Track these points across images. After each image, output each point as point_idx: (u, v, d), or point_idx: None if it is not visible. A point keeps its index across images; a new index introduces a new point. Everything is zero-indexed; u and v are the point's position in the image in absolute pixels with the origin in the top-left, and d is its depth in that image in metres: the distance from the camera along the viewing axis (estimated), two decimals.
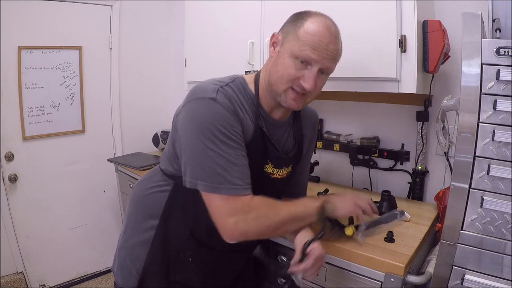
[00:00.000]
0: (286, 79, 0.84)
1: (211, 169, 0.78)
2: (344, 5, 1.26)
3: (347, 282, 1.02)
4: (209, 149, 0.77)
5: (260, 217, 0.81)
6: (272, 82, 0.87)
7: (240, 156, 0.81)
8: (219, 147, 0.78)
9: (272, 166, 0.95)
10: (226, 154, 0.78)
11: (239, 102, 0.86)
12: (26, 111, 2.04)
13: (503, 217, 0.78)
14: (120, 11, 2.36)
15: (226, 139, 0.79)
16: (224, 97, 0.81)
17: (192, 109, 0.82)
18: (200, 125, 0.79)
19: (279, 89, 0.86)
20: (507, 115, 0.76)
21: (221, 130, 0.78)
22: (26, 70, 2.01)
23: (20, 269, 2.10)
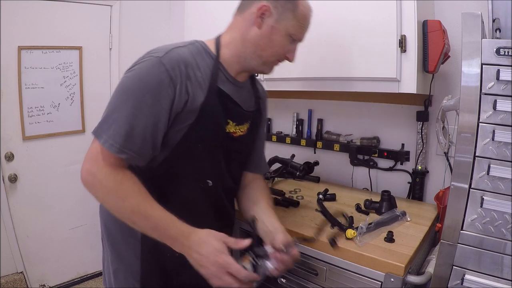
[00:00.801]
0: (279, 54, 0.91)
1: (108, 117, 0.78)
2: (344, 5, 1.26)
3: (347, 282, 1.02)
4: (120, 102, 0.78)
5: (108, 190, 0.78)
6: (261, 55, 0.90)
7: (145, 117, 0.77)
8: (126, 103, 0.76)
9: (234, 124, 0.94)
10: (130, 110, 0.76)
11: (194, 64, 0.83)
12: (26, 111, 2.04)
13: (503, 217, 0.78)
14: (120, 11, 2.36)
15: (141, 97, 0.76)
16: (175, 64, 0.79)
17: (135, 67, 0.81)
18: (127, 80, 0.80)
19: (268, 61, 0.92)
20: (507, 115, 0.76)
21: (146, 89, 0.76)
22: (26, 70, 2.00)
23: (20, 269, 2.10)
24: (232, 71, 0.93)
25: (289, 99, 1.94)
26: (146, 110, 0.77)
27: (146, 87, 0.77)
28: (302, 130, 1.89)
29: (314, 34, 1.35)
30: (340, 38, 1.28)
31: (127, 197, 0.78)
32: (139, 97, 0.76)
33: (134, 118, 0.76)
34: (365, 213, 1.26)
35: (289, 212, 1.29)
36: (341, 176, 1.75)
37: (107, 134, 0.76)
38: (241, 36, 0.90)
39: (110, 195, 0.79)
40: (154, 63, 0.78)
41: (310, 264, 1.10)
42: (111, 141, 0.75)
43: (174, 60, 0.79)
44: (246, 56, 0.91)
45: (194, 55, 0.85)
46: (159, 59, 0.78)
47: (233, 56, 0.91)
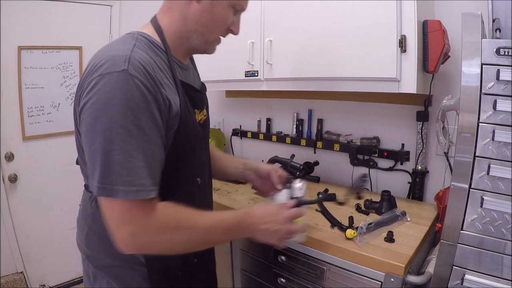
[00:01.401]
0: (222, 28, 0.84)
1: (107, 166, 0.63)
2: (344, 5, 1.26)
3: (347, 282, 1.02)
4: (109, 141, 0.62)
5: (163, 232, 0.69)
6: (204, 32, 0.82)
7: (148, 148, 0.66)
8: (121, 139, 0.63)
9: (198, 111, 0.89)
10: (130, 146, 0.63)
11: (154, 64, 0.72)
12: (26, 111, 2.04)
13: (503, 217, 0.78)
14: (120, 11, 2.36)
15: (133, 127, 0.63)
16: (137, 67, 0.66)
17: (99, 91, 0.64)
18: (104, 112, 0.63)
19: (211, 38, 0.84)
20: (507, 115, 0.76)
21: (129, 117, 0.63)
22: (26, 70, 2.01)
23: (20, 269, 2.10)
24: (179, 55, 0.85)
25: (289, 99, 1.94)
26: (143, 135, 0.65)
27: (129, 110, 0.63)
28: (302, 130, 1.89)
29: (314, 34, 1.36)
30: (340, 38, 1.28)
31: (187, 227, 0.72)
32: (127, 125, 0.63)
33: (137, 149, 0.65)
34: (365, 213, 1.26)
35: None
36: (341, 176, 1.75)
37: (123, 183, 0.63)
38: (180, 15, 0.81)
39: (175, 238, 0.70)
40: (124, 80, 0.64)
41: (310, 264, 1.10)
42: (136, 187, 0.64)
43: (140, 68, 0.66)
44: (189, 36, 0.82)
45: (148, 54, 0.73)
46: (127, 73, 0.64)
47: (177, 39, 0.83)
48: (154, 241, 0.69)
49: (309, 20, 1.38)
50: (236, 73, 1.62)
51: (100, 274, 0.86)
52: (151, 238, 0.68)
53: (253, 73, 1.59)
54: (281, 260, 1.17)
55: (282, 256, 1.17)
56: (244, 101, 2.14)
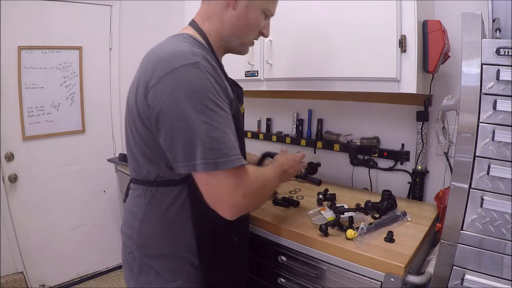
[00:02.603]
0: (256, 32, 0.95)
1: (207, 144, 0.70)
2: (344, 5, 1.26)
3: (347, 282, 1.02)
4: (202, 122, 0.70)
5: (261, 187, 0.84)
6: (240, 35, 0.93)
7: (230, 125, 0.76)
8: (212, 119, 0.71)
9: (240, 104, 0.98)
10: (219, 124, 0.72)
11: (209, 60, 0.79)
12: (26, 111, 2.04)
13: (503, 217, 0.78)
14: (120, 11, 2.36)
15: (217, 108, 0.73)
16: (204, 60, 0.75)
17: (176, 81, 0.71)
18: (189, 97, 0.70)
19: (248, 40, 0.96)
20: (507, 115, 0.76)
21: (212, 99, 0.72)
22: (26, 70, 2.01)
23: (20, 269, 2.10)
24: (220, 56, 0.97)
25: (289, 99, 1.94)
26: (223, 117, 0.74)
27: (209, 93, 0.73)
28: (302, 130, 1.89)
29: (314, 34, 1.36)
30: (340, 38, 1.28)
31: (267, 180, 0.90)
32: (211, 105, 0.72)
33: (228, 126, 0.75)
34: (365, 213, 1.26)
35: (289, 212, 1.29)
36: (341, 176, 1.75)
37: (225, 156, 0.71)
38: (219, 21, 0.91)
39: (266, 190, 0.89)
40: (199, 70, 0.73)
41: (310, 264, 1.10)
42: (237, 156, 0.74)
43: (206, 62, 0.76)
44: (227, 39, 0.93)
45: (204, 55, 0.79)
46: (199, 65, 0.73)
47: (218, 41, 0.93)
48: (258, 197, 0.82)
49: (309, 20, 1.38)
50: (236, 73, 1.61)
51: (148, 265, 0.90)
52: (256, 195, 0.80)
53: (253, 73, 1.59)
54: (281, 260, 1.17)
55: (282, 256, 1.17)
56: (244, 101, 2.14)
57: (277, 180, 0.98)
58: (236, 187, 0.74)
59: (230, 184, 0.74)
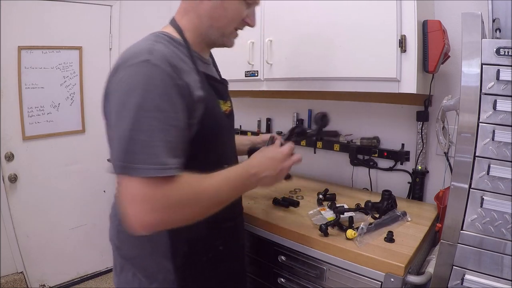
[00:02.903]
0: (236, 21, 0.89)
1: (127, 145, 0.65)
2: (344, 5, 1.26)
3: (347, 282, 1.02)
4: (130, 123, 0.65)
5: (184, 204, 0.69)
6: (219, 26, 0.87)
7: (167, 129, 0.68)
8: (141, 120, 0.65)
9: (223, 101, 0.94)
10: (149, 127, 0.65)
11: (175, 54, 0.77)
12: (26, 111, 2.04)
13: (503, 217, 0.78)
14: (120, 11, 2.36)
15: (153, 109, 0.66)
16: (161, 58, 0.71)
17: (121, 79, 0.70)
18: (127, 96, 0.67)
19: (227, 31, 0.89)
20: (507, 115, 0.76)
21: (151, 98, 0.66)
22: (26, 70, 2.01)
23: (20, 269, 2.10)
24: (200, 50, 0.91)
25: (289, 99, 1.94)
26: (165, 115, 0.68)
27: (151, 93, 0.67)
28: None
29: (314, 34, 1.36)
30: (340, 38, 1.28)
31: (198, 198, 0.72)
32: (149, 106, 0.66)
33: (159, 128, 0.66)
34: (365, 213, 1.26)
35: (289, 212, 1.29)
36: (341, 176, 1.75)
37: (143, 162, 0.64)
38: (195, 14, 0.87)
39: (187, 210, 0.70)
40: (148, 68, 0.69)
41: (310, 264, 1.10)
42: (155, 166, 0.64)
43: (161, 57, 0.71)
44: (206, 32, 0.88)
45: (169, 48, 0.78)
46: (149, 62, 0.69)
47: (196, 36, 0.88)
48: (177, 213, 0.69)
49: (309, 20, 1.38)
50: (236, 73, 1.62)
51: (127, 266, 0.90)
52: (173, 212, 0.68)
53: (253, 73, 1.59)
54: (281, 260, 1.17)
55: (282, 256, 1.17)
56: (244, 101, 2.14)
57: (232, 191, 0.79)
58: (142, 200, 0.64)
59: (137, 195, 0.64)
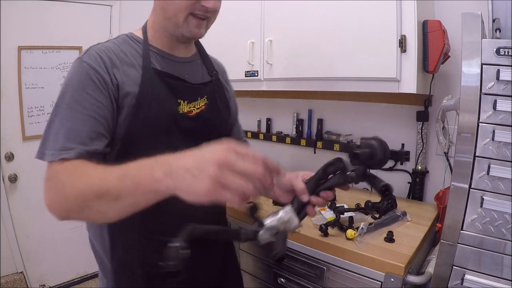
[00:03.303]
0: (185, 6, 0.78)
1: (44, 133, 0.71)
2: (344, 5, 1.26)
3: (347, 282, 1.02)
4: (52, 113, 0.72)
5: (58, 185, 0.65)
6: (169, 16, 0.80)
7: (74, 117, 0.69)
8: (58, 110, 0.70)
9: (187, 102, 0.86)
10: (59, 116, 0.70)
11: (119, 51, 0.80)
12: (26, 111, 2.04)
13: (503, 217, 0.78)
14: (120, 11, 2.36)
15: (70, 100, 0.70)
16: (92, 56, 0.75)
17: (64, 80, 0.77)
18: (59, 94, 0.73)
19: (179, 20, 0.80)
20: (507, 115, 0.76)
21: (70, 92, 0.71)
22: (26, 70, 2.01)
23: (20, 269, 2.10)
24: (165, 47, 0.87)
25: (289, 99, 1.94)
26: (76, 106, 0.70)
27: (72, 87, 0.72)
28: (302, 130, 1.89)
29: (314, 34, 1.36)
30: (340, 38, 1.28)
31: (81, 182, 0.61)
32: (68, 99, 0.71)
33: (67, 118, 0.70)
34: (365, 213, 1.26)
35: None
36: None
37: (50, 148, 0.67)
38: (154, 11, 0.85)
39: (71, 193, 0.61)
40: (76, 65, 0.75)
41: (310, 264, 1.10)
42: (55, 151, 0.67)
43: (93, 54, 0.75)
44: (163, 25, 0.83)
45: (118, 45, 0.81)
46: (80, 60, 0.75)
47: (155, 32, 0.85)
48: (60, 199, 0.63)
49: (309, 20, 1.38)
50: (236, 73, 1.62)
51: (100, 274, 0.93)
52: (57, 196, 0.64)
53: (253, 73, 1.59)
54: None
55: None
56: (244, 101, 2.14)
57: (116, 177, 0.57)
58: (45, 182, 0.66)
59: (45, 178, 0.67)
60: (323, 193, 0.71)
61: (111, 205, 0.57)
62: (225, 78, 1.07)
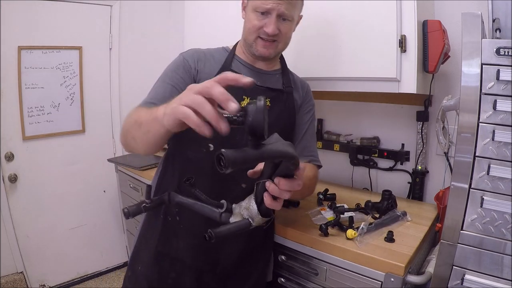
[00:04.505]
0: (253, 30, 0.99)
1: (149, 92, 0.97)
2: (344, 5, 1.26)
3: (347, 282, 1.02)
4: (154, 84, 0.98)
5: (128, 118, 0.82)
6: (245, 37, 1.03)
7: (165, 84, 0.95)
8: (159, 79, 0.98)
9: (249, 98, 1.00)
10: (157, 83, 0.97)
11: (209, 55, 1.03)
12: (26, 111, 2.03)
13: (503, 217, 0.78)
14: (120, 11, 2.36)
15: (165, 76, 0.98)
16: (190, 52, 1.02)
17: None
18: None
19: (250, 40, 1.01)
20: (507, 115, 0.76)
21: (167, 71, 0.99)
22: (26, 70, 2.00)
23: (20, 269, 2.10)
24: (249, 60, 1.06)
25: None
26: (167, 79, 0.96)
27: (169, 69, 1.00)
28: None
29: (314, 34, 1.36)
30: (340, 38, 1.28)
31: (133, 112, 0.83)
32: (163, 76, 0.98)
33: (158, 86, 0.96)
34: (366, 213, 1.26)
35: (289, 212, 1.29)
36: (341, 176, 1.75)
37: (142, 101, 0.92)
38: (242, 34, 1.07)
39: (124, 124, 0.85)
40: (177, 57, 1.03)
41: (310, 264, 1.10)
42: (142, 103, 0.91)
43: (190, 52, 1.02)
44: (244, 44, 1.04)
45: (211, 51, 1.05)
46: (180, 54, 1.03)
47: (242, 47, 1.06)
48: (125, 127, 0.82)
49: (309, 20, 1.37)
50: None
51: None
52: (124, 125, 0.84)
53: None
54: (281, 260, 1.17)
55: (282, 255, 1.17)
56: None
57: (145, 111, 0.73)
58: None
59: None
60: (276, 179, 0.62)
61: (138, 130, 0.74)
62: (301, 95, 1.14)
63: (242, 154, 0.49)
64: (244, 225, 0.64)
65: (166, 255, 1.00)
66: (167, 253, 1.00)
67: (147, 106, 0.84)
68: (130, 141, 0.80)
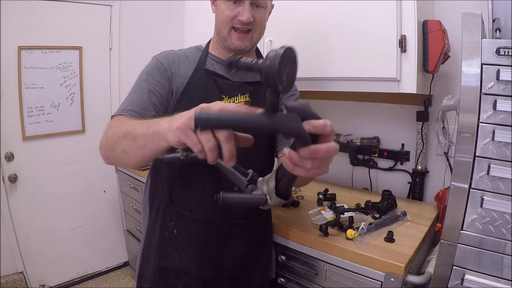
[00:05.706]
0: (226, 21, 0.93)
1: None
2: (344, 5, 1.26)
3: (347, 282, 1.02)
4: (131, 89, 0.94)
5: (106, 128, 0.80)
6: (218, 31, 0.99)
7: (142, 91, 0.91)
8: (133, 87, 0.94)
9: (227, 97, 0.98)
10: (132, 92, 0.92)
11: (182, 55, 1.00)
12: (26, 111, 2.03)
13: (503, 217, 0.78)
14: (120, 11, 2.36)
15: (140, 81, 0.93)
16: (164, 54, 0.98)
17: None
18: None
19: (224, 34, 0.96)
20: (507, 115, 0.76)
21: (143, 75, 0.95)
22: (26, 70, 2.00)
23: (20, 269, 2.10)
24: (222, 56, 1.01)
25: None
26: (144, 84, 0.92)
27: (144, 73, 0.96)
28: None
29: (314, 34, 1.36)
30: (340, 38, 1.28)
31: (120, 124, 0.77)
32: (138, 81, 0.94)
33: (135, 92, 0.91)
34: (365, 213, 1.26)
35: (289, 212, 1.29)
36: (341, 176, 1.75)
37: (118, 109, 0.88)
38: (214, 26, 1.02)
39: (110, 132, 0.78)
40: (150, 60, 0.99)
41: (310, 264, 1.10)
42: (119, 110, 0.87)
43: (163, 54, 0.99)
44: (218, 39, 1.00)
45: (184, 52, 1.02)
46: (153, 57, 0.99)
47: (215, 43, 1.02)
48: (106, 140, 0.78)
49: (309, 20, 1.38)
50: None
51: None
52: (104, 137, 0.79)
53: None
54: (281, 260, 1.17)
55: (282, 256, 1.17)
56: None
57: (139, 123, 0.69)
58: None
59: None
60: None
61: (130, 144, 0.68)
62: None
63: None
64: (259, 200, 0.60)
65: (169, 270, 0.98)
66: (170, 267, 0.98)
67: (128, 114, 0.83)
68: (119, 154, 0.72)
